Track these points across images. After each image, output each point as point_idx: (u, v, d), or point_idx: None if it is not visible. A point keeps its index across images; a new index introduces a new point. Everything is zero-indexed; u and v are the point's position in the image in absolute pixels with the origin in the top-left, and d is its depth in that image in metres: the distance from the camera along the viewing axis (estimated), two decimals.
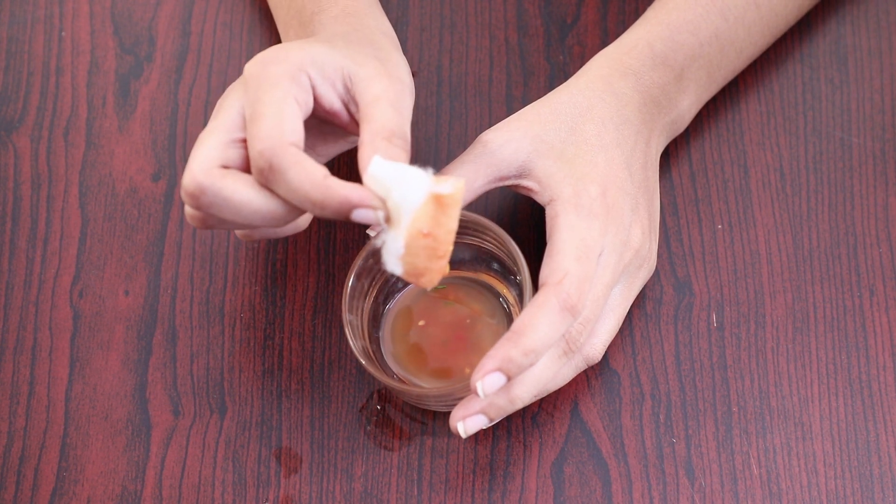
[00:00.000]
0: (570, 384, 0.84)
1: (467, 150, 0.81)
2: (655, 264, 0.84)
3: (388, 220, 0.72)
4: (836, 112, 0.90)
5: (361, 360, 0.78)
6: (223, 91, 0.92)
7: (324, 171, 0.72)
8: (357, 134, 0.75)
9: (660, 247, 0.87)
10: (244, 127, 0.74)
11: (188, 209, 0.75)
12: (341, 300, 0.79)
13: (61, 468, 0.83)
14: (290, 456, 0.83)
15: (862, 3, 0.93)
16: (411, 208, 0.71)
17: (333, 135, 0.81)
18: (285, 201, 0.73)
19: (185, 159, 0.90)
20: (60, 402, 0.85)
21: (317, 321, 0.86)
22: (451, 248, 0.73)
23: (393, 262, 0.73)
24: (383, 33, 0.80)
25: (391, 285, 0.84)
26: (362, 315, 0.82)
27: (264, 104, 0.73)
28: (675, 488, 0.81)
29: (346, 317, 0.79)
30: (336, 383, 0.85)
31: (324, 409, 0.84)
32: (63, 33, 0.94)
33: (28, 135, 0.92)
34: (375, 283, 0.83)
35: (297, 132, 0.73)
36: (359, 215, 0.71)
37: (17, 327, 0.87)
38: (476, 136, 0.82)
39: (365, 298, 0.82)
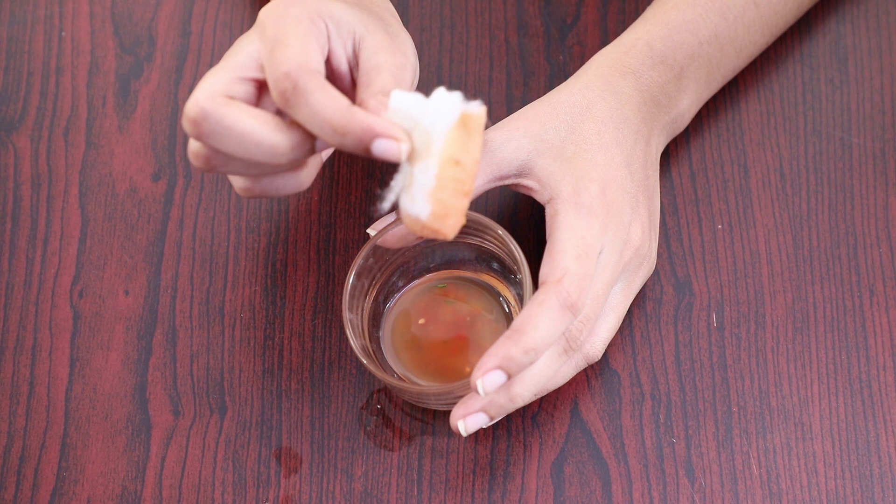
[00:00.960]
0: (570, 384, 0.84)
1: None
2: (655, 263, 0.84)
3: (410, 155, 0.70)
4: (836, 112, 0.90)
5: (362, 359, 0.78)
6: None
7: (347, 100, 0.70)
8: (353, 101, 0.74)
9: (660, 247, 0.87)
10: (256, 68, 0.73)
11: (191, 145, 0.73)
12: (341, 299, 0.79)
13: (61, 468, 0.83)
14: (290, 456, 0.83)
15: (862, 3, 0.93)
16: (444, 129, 0.69)
17: None
18: (291, 134, 0.71)
19: (185, 159, 0.90)
20: (60, 402, 0.85)
21: (317, 321, 0.86)
22: (474, 183, 0.71)
23: (421, 202, 0.70)
24: (392, 14, 0.80)
25: (391, 285, 0.84)
26: (362, 314, 0.82)
27: (288, 35, 0.72)
28: (675, 488, 0.81)
29: (347, 315, 0.79)
30: (336, 383, 0.85)
31: (324, 409, 0.84)
32: (63, 33, 0.94)
33: (28, 135, 0.92)
34: (376, 283, 0.83)
35: (321, 64, 0.72)
36: (380, 146, 0.69)
37: (17, 327, 0.87)
38: None
39: (365, 298, 0.82)
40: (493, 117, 0.91)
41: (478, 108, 0.70)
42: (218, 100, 0.72)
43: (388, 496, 0.82)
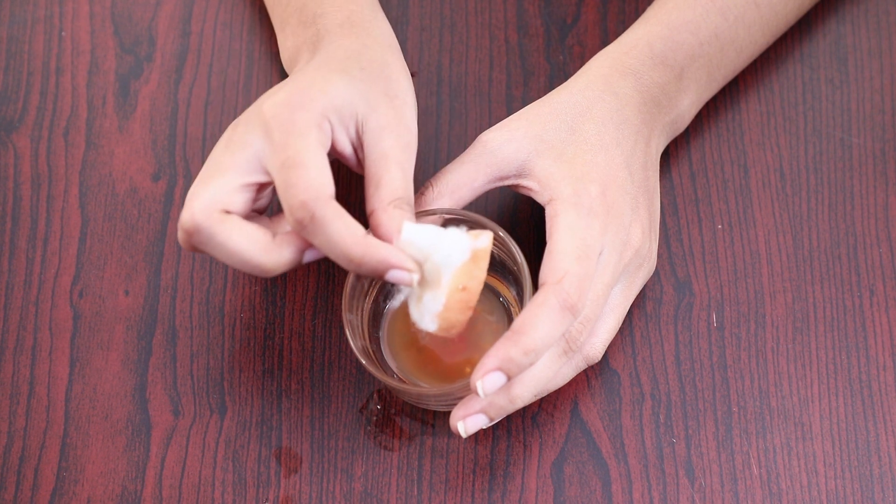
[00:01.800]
0: (570, 384, 0.84)
1: (467, 150, 0.81)
2: (655, 264, 0.84)
3: (420, 281, 0.75)
4: (836, 112, 0.90)
5: (361, 360, 0.78)
6: (223, 91, 0.92)
7: (362, 228, 0.74)
8: (359, 173, 0.78)
9: (660, 247, 0.87)
10: (260, 170, 0.75)
11: (180, 235, 0.76)
12: (341, 300, 0.79)
13: (61, 468, 0.83)
14: (290, 456, 0.83)
15: (862, 3, 0.93)
16: (454, 267, 0.74)
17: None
18: (280, 254, 0.75)
19: (185, 159, 0.90)
20: (60, 402, 0.85)
21: (317, 321, 0.86)
22: (478, 298, 0.76)
23: (428, 320, 0.76)
24: (389, 46, 0.81)
25: (391, 285, 0.84)
26: (362, 315, 0.82)
27: (300, 153, 0.74)
28: (675, 488, 0.81)
29: (346, 316, 0.79)
30: (336, 383, 0.85)
31: (324, 409, 0.84)
32: (63, 33, 0.94)
33: (28, 135, 0.91)
34: (375, 283, 0.83)
35: (333, 186, 0.74)
36: (394, 275, 0.74)
37: (17, 327, 0.87)
38: (476, 136, 0.82)
39: (365, 298, 0.82)
40: (493, 117, 0.91)
41: (485, 241, 0.75)
42: (214, 216, 0.74)
43: (388, 496, 0.82)
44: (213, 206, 0.74)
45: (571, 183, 0.79)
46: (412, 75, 0.92)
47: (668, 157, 0.89)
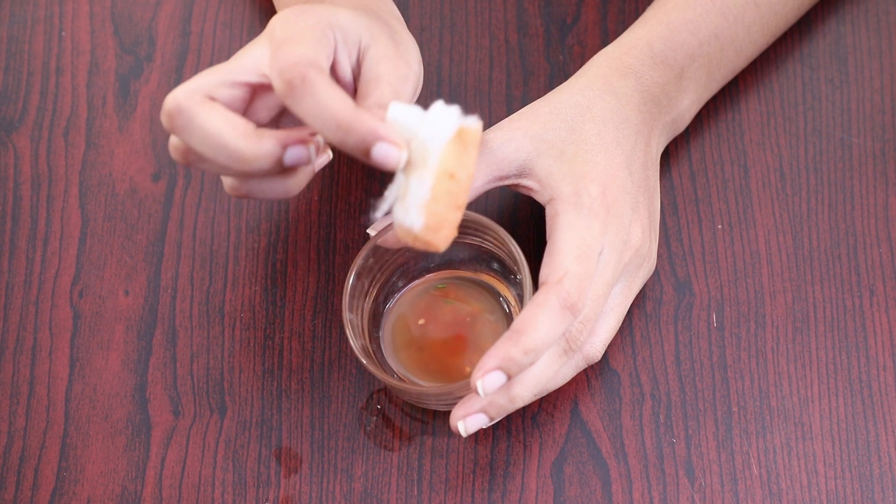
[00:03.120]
0: (570, 384, 0.84)
1: None
2: (655, 264, 0.84)
3: (406, 166, 0.70)
4: (836, 112, 0.90)
5: (361, 359, 0.78)
6: None
7: (353, 100, 0.71)
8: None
9: (660, 247, 0.87)
10: (256, 72, 0.74)
11: (171, 137, 0.74)
12: (341, 300, 0.79)
13: (61, 468, 0.83)
14: (290, 456, 0.83)
15: (862, 3, 0.93)
16: (441, 144, 0.70)
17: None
18: (258, 144, 0.72)
19: None
20: (60, 402, 0.85)
21: (317, 321, 0.86)
22: (467, 197, 0.72)
23: (414, 214, 0.71)
24: (398, 20, 0.81)
25: (391, 285, 0.84)
26: (362, 314, 0.82)
27: (299, 34, 0.72)
28: (675, 488, 0.81)
29: (347, 315, 0.79)
30: (336, 383, 0.85)
31: (324, 409, 0.84)
32: (63, 33, 0.94)
33: (28, 135, 0.92)
34: (376, 283, 0.83)
35: (328, 67, 0.72)
36: (381, 150, 0.69)
37: (17, 327, 0.87)
38: None
39: (365, 298, 0.82)
40: (493, 117, 0.91)
41: (474, 123, 0.71)
42: (195, 97, 0.72)
43: (388, 496, 0.82)
44: (197, 90, 0.73)
45: (572, 182, 0.79)
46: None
47: (668, 157, 0.89)
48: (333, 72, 0.75)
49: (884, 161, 0.89)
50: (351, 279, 0.80)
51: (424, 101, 0.91)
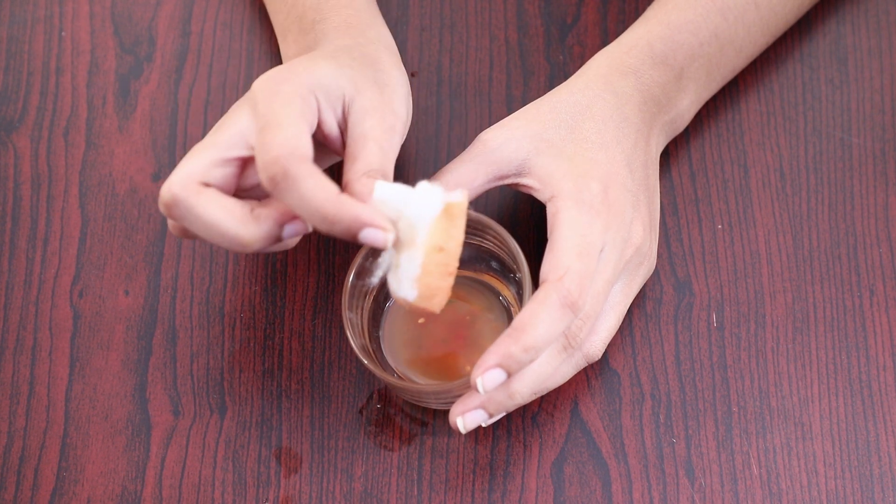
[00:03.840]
0: (570, 384, 0.84)
1: (467, 149, 0.81)
2: (655, 262, 0.84)
3: (395, 243, 0.73)
4: (836, 112, 0.90)
5: (362, 358, 0.78)
6: (223, 91, 0.92)
7: (337, 187, 0.72)
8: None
9: (660, 247, 0.87)
10: (243, 145, 0.75)
11: (161, 208, 0.76)
12: (341, 299, 0.79)
13: (61, 468, 0.83)
14: (290, 456, 0.83)
15: (862, 3, 0.93)
16: (428, 222, 0.72)
17: (319, 152, 0.81)
18: (257, 227, 0.74)
19: None
20: (60, 402, 0.85)
21: (317, 321, 0.86)
22: (458, 263, 0.74)
23: (407, 287, 0.74)
24: (385, 46, 0.81)
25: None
26: (362, 314, 0.82)
27: (279, 116, 0.73)
28: (675, 488, 0.81)
29: (346, 314, 0.79)
30: (336, 383, 0.85)
31: (324, 409, 0.84)
32: (63, 33, 0.94)
33: (28, 135, 0.92)
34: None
35: (311, 149, 0.74)
36: (367, 235, 0.72)
37: (17, 327, 0.87)
38: (476, 135, 0.82)
39: (365, 297, 0.82)
40: (493, 117, 0.91)
41: (459, 197, 0.73)
42: (190, 187, 0.74)
43: (388, 496, 0.82)
44: (191, 178, 0.74)
45: (573, 179, 0.79)
46: (412, 75, 0.92)
47: (668, 156, 0.89)
48: (320, 130, 0.76)
49: (884, 161, 0.89)
50: (351, 278, 0.80)
51: (424, 100, 0.91)
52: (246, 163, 0.76)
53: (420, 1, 0.94)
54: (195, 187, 0.74)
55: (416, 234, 0.72)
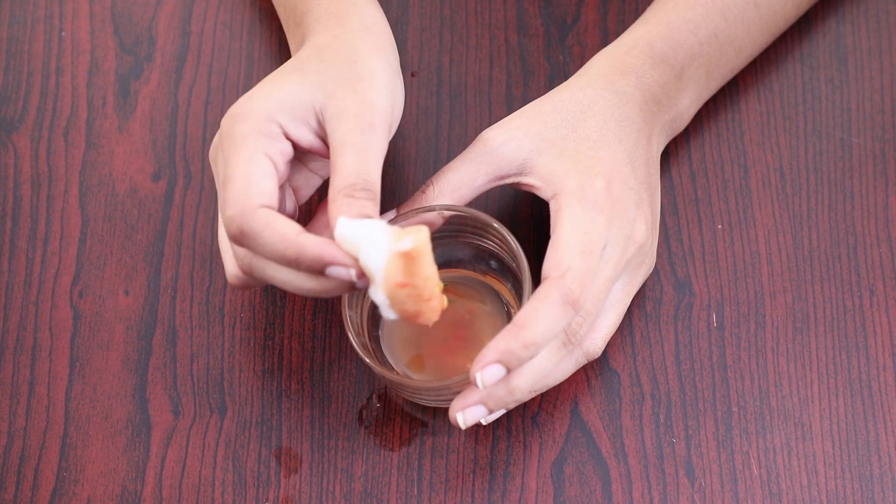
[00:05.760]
0: (570, 384, 0.84)
1: (468, 149, 0.81)
2: (655, 262, 0.84)
3: (361, 275, 0.73)
4: (836, 112, 0.90)
5: (360, 354, 0.78)
6: (223, 91, 0.92)
7: (296, 227, 0.73)
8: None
9: (660, 246, 0.87)
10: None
11: (232, 270, 0.78)
12: (341, 298, 0.79)
13: (61, 468, 0.83)
14: (290, 456, 0.83)
15: (862, 3, 0.93)
16: (380, 266, 0.73)
17: (315, 163, 0.82)
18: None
19: (185, 159, 0.90)
20: (60, 402, 0.85)
21: (317, 321, 0.86)
22: (436, 289, 0.74)
23: (386, 311, 0.74)
24: (366, 28, 0.80)
25: None
26: (362, 312, 0.82)
27: (231, 166, 0.75)
28: (675, 488, 0.81)
29: (346, 312, 0.79)
30: (336, 383, 0.85)
31: (324, 409, 0.84)
32: (63, 33, 0.94)
33: (28, 135, 0.92)
34: None
35: (266, 192, 0.74)
36: (332, 272, 0.73)
37: (17, 327, 0.87)
38: (476, 135, 0.82)
39: (365, 296, 0.82)
40: (493, 117, 0.91)
41: (411, 243, 0.72)
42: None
43: (388, 496, 0.82)
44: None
45: (576, 177, 0.79)
46: (412, 75, 0.92)
47: (668, 156, 0.89)
48: (298, 147, 0.77)
49: (884, 161, 0.89)
50: None
51: (424, 100, 0.91)
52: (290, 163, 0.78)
53: (420, 1, 0.94)
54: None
55: (374, 274, 0.73)
